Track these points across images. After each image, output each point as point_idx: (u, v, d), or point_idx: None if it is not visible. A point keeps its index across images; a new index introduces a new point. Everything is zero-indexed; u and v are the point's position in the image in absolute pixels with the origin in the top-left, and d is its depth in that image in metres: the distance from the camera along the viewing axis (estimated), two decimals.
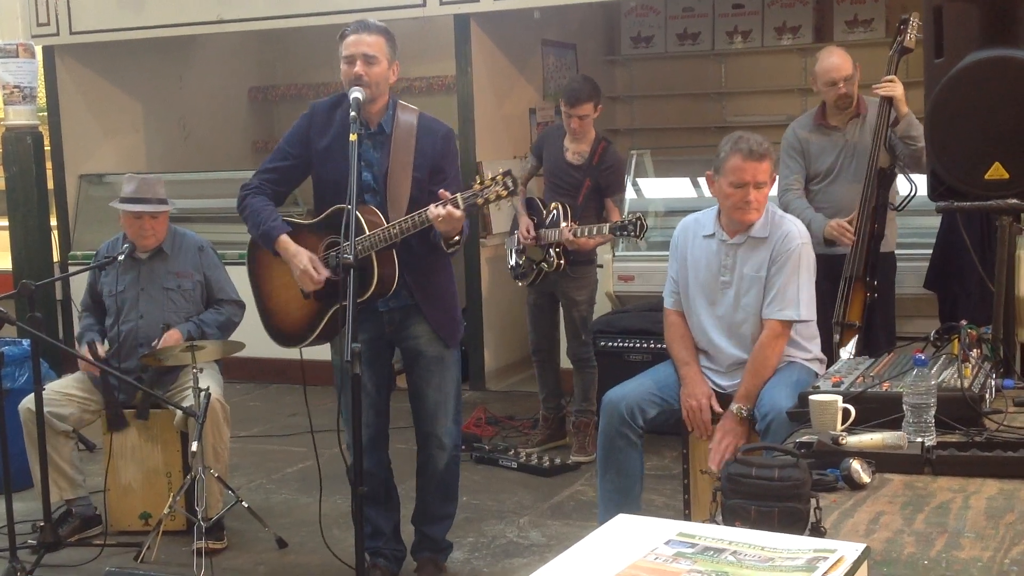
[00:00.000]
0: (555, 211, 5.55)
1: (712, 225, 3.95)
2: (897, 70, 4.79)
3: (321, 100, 4.01)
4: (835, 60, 5.00)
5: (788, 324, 3.83)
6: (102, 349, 4.74)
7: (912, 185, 4.81)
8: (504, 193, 3.71)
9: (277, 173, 4.00)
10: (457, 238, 3.80)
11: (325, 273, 3.85)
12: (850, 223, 4.82)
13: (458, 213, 3.67)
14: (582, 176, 5.57)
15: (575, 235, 5.33)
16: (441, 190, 3.73)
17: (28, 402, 4.50)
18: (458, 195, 3.69)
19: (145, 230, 4.73)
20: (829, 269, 4.65)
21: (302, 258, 3.85)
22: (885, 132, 4.76)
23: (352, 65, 3.77)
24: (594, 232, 5.34)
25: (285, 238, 3.90)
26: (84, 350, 4.73)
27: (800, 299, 3.82)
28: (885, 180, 4.81)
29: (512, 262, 5.80)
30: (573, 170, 5.59)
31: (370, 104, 3.80)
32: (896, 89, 4.73)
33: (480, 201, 3.71)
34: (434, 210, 3.67)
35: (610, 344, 6.00)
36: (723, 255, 3.91)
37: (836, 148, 5.02)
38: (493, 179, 3.70)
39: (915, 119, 4.74)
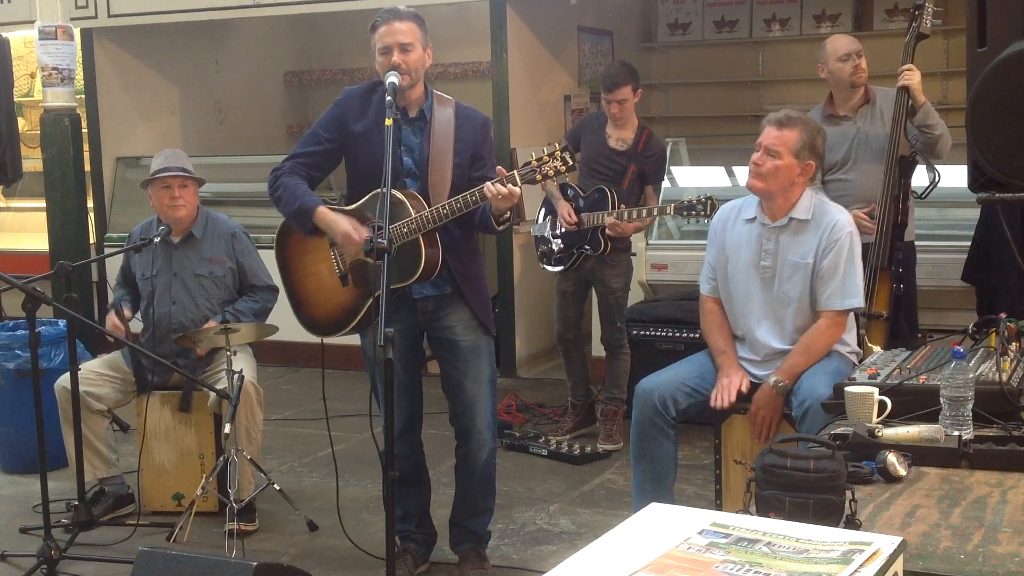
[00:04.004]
0: (597, 194, 5.53)
1: (755, 209, 3.93)
2: (914, 58, 4.72)
3: (354, 87, 3.97)
4: (843, 39, 5.03)
5: (846, 313, 3.84)
6: (129, 312, 4.76)
7: (935, 173, 4.75)
8: (563, 168, 3.62)
9: (311, 157, 3.93)
10: (508, 215, 3.76)
11: (366, 233, 3.75)
12: (868, 213, 4.77)
13: (517, 190, 3.62)
14: (626, 162, 5.54)
15: (621, 217, 5.31)
16: (499, 167, 3.71)
17: (63, 381, 4.53)
18: (515, 171, 3.63)
19: (176, 200, 4.71)
20: None
21: (342, 223, 3.79)
22: (904, 120, 4.69)
23: (389, 55, 3.73)
24: (643, 215, 5.34)
25: (323, 208, 3.83)
26: (111, 316, 4.75)
27: (859, 287, 3.84)
28: (906, 168, 4.76)
29: (544, 248, 5.76)
30: (617, 156, 5.56)
31: (409, 90, 3.77)
32: (914, 78, 4.66)
33: (539, 177, 3.64)
34: (492, 188, 3.60)
35: (642, 333, 5.97)
36: (764, 239, 3.89)
37: (848, 138, 4.94)
38: (551, 154, 3.62)
39: (932, 108, 4.70)
